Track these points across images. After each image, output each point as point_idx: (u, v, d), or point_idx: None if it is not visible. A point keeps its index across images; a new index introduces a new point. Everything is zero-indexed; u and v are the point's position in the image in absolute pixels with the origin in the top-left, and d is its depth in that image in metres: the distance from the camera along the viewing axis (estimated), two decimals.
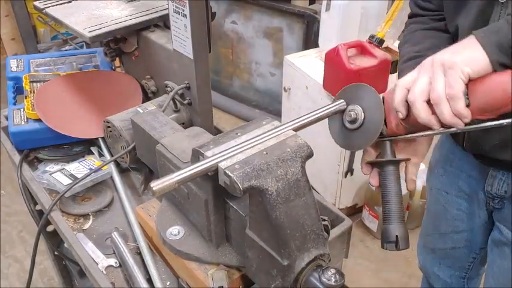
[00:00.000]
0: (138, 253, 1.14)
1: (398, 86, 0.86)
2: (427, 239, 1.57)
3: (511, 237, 1.22)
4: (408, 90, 0.84)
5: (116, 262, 1.13)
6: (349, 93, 0.95)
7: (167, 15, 1.29)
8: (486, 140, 1.10)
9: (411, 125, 0.89)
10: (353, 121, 0.93)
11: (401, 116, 0.87)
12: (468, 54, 0.77)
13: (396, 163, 0.95)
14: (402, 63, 1.13)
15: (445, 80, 0.77)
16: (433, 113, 0.80)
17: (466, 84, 0.77)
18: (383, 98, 0.94)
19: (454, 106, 0.77)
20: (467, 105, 0.77)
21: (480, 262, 1.49)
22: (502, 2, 0.94)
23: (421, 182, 2.47)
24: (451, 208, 1.38)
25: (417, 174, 0.99)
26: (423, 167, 2.49)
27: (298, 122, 0.91)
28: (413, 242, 2.35)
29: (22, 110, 1.46)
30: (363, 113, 0.92)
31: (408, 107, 0.85)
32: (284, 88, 2.63)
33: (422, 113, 0.81)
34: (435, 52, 0.84)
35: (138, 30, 1.49)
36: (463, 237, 1.41)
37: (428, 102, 0.80)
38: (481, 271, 1.55)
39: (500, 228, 1.26)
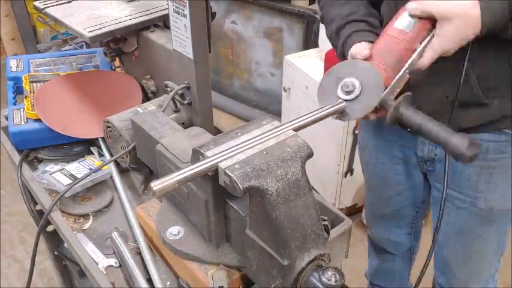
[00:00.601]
0: (138, 253, 1.14)
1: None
2: (372, 208, 1.69)
3: (446, 194, 1.27)
4: None
5: (115, 262, 1.13)
6: (340, 70, 1.00)
7: (167, 15, 1.29)
8: (422, 108, 1.15)
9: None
10: (350, 92, 0.96)
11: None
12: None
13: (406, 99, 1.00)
14: (342, 27, 1.16)
15: None
16: None
17: None
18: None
19: None
20: None
21: (421, 216, 1.63)
22: None
23: None
24: (390, 175, 1.47)
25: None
26: None
27: (298, 122, 0.91)
28: None
29: (22, 110, 1.46)
30: (359, 83, 0.97)
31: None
32: (284, 88, 2.63)
33: None
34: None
35: (138, 30, 1.49)
36: (406, 197, 1.52)
37: None
38: (421, 225, 1.71)
39: (437, 187, 1.38)
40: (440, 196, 1.29)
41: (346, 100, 0.97)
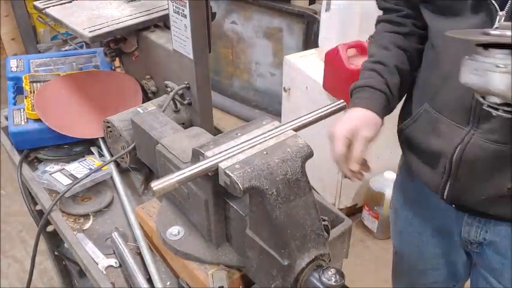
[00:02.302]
0: (138, 253, 1.14)
1: None
2: (404, 279, 1.49)
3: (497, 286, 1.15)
4: None
5: (116, 262, 1.13)
6: None
7: (167, 15, 1.29)
8: (474, 194, 1.03)
9: None
10: None
11: None
12: None
13: None
14: (367, 67, 1.16)
15: None
16: None
17: None
18: None
19: None
20: None
21: None
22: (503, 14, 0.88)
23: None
24: (427, 247, 1.31)
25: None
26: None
27: (298, 122, 0.91)
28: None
29: (22, 110, 1.46)
30: None
31: None
32: (284, 88, 2.63)
33: None
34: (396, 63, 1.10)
35: (138, 30, 1.49)
36: (444, 272, 1.34)
37: None
38: None
39: (484, 276, 1.18)
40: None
41: None
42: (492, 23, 0.89)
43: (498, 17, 0.88)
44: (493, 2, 0.89)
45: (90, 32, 1.40)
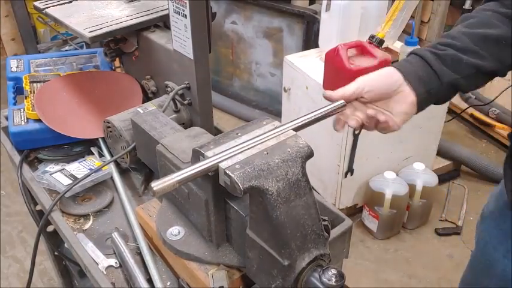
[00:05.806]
0: (139, 253, 1.14)
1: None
2: None
3: None
4: None
5: (116, 262, 1.13)
6: None
7: (167, 16, 1.29)
8: None
9: None
10: None
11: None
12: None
13: None
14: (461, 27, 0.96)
15: None
16: None
17: None
18: None
19: None
20: None
21: None
22: None
23: (421, 181, 2.47)
24: (497, 265, 1.25)
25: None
26: (423, 167, 2.51)
27: (299, 122, 0.91)
28: (413, 244, 2.31)
29: (22, 110, 1.47)
30: None
31: None
32: (284, 88, 2.63)
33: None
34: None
35: (138, 30, 1.49)
36: None
37: None
38: None
39: None
40: None
41: None
42: None
43: None
44: None
45: (90, 32, 1.40)
